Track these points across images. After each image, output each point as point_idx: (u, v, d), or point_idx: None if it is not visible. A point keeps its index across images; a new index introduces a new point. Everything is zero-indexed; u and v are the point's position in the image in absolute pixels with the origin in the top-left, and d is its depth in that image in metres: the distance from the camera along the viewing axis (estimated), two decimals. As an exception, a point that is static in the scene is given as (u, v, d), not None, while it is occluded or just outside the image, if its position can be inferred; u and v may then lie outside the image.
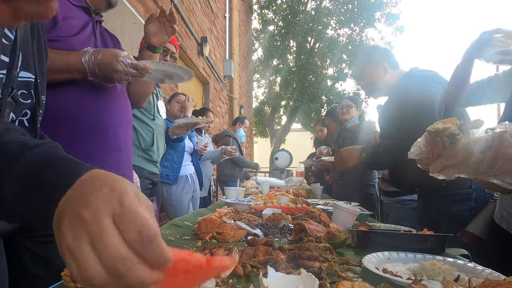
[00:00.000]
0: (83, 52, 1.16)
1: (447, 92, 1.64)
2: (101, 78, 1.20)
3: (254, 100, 16.65)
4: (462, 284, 0.77)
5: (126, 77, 1.21)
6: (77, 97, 1.23)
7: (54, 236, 0.40)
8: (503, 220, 1.26)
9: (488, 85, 1.56)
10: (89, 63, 1.15)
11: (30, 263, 1.12)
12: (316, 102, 14.73)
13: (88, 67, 1.15)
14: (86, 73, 1.17)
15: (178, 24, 4.35)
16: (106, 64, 1.16)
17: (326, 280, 0.76)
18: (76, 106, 1.22)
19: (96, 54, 1.15)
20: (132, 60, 1.20)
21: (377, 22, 15.35)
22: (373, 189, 3.48)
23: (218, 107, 7.24)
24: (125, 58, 1.18)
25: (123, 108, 1.40)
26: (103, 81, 1.22)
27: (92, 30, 1.33)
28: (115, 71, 1.17)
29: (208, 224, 1.34)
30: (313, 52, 15.43)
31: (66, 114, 1.20)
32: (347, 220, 1.48)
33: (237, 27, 8.60)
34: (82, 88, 1.23)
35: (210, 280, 0.71)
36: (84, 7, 1.31)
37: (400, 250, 1.03)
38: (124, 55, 1.18)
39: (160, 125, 2.43)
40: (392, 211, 2.75)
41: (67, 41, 1.19)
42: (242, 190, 2.71)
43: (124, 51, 1.21)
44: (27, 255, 1.12)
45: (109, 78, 1.20)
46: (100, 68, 1.16)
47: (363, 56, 2.05)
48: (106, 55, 1.16)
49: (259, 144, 21.85)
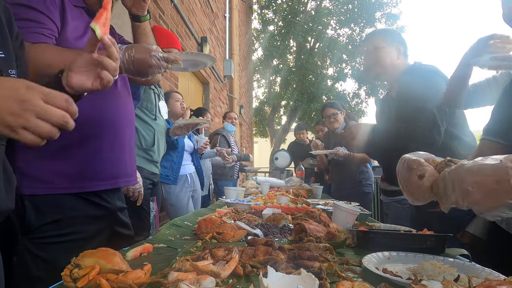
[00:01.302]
0: None
1: (447, 94, 1.64)
2: (134, 74, 1.20)
3: (254, 100, 16.65)
4: (462, 284, 0.77)
5: (158, 70, 1.21)
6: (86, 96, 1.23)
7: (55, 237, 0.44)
8: (502, 220, 1.26)
9: (486, 87, 1.57)
10: (123, 60, 1.14)
11: (31, 264, 1.12)
12: (316, 102, 14.72)
13: (123, 64, 1.15)
14: (122, 70, 1.16)
15: (178, 24, 4.36)
16: (140, 60, 1.16)
17: (326, 280, 0.76)
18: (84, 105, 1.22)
19: (129, 51, 1.15)
20: (164, 54, 1.21)
21: (377, 22, 15.37)
22: (370, 188, 3.51)
23: (218, 107, 7.24)
24: (157, 52, 1.18)
25: (126, 106, 1.40)
26: (136, 76, 1.22)
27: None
28: (150, 66, 1.17)
29: (208, 224, 1.34)
30: (313, 52, 15.44)
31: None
32: (347, 220, 1.48)
33: (237, 27, 8.61)
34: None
35: (210, 280, 0.71)
36: (84, 8, 1.31)
37: (400, 250, 1.03)
38: (155, 49, 1.19)
39: (161, 125, 2.43)
40: (391, 210, 2.75)
41: (76, 44, 1.19)
42: (242, 190, 2.71)
43: (153, 45, 1.22)
44: (28, 256, 1.12)
45: (143, 73, 1.20)
46: (134, 64, 1.16)
47: (381, 32, 2.02)
48: (139, 51, 1.16)
49: (259, 144, 21.86)
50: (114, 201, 1.35)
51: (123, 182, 1.36)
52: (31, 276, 1.12)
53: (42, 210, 1.13)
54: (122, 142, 1.33)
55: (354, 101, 15.36)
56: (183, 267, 0.79)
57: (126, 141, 1.36)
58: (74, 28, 1.21)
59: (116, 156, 1.30)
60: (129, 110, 1.42)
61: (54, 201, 1.15)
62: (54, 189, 1.15)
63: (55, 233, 1.14)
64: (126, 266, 0.77)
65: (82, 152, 1.21)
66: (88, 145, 1.22)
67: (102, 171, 1.25)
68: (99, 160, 1.24)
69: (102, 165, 1.25)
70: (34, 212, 1.12)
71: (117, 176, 1.31)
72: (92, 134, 1.23)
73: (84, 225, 1.21)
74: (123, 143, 1.34)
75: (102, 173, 1.25)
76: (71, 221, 1.17)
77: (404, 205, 2.63)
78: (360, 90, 15.70)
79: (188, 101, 5.15)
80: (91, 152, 1.22)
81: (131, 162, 1.41)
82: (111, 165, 1.29)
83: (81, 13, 1.29)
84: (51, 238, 1.14)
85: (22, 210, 1.11)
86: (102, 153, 1.25)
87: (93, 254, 0.76)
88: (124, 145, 1.35)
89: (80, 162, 1.20)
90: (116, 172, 1.30)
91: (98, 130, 1.25)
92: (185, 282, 0.67)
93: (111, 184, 1.29)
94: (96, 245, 0.92)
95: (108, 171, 1.27)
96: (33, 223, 1.11)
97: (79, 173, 1.19)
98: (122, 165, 1.34)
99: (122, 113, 1.35)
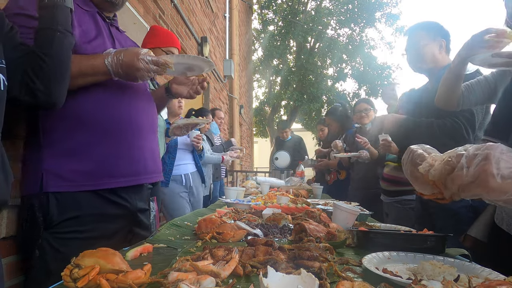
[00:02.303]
0: (106, 54, 1.20)
1: (438, 95, 1.63)
2: (124, 78, 1.24)
3: (254, 100, 16.65)
4: (462, 284, 0.77)
5: (148, 74, 1.24)
6: (101, 98, 1.27)
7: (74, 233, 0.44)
8: (503, 222, 1.26)
9: (477, 87, 1.55)
10: (112, 64, 1.18)
11: (49, 259, 1.17)
12: (316, 102, 14.72)
13: (112, 68, 1.19)
14: (111, 74, 1.20)
15: (178, 24, 4.36)
16: (128, 63, 1.19)
17: (326, 280, 0.76)
18: (101, 107, 1.26)
19: (118, 55, 1.19)
20: (153, 57, 1.23)
21: (377, 22, 15.37)
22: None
23: (218, 107, 7.23)
24: (146, 55, 1.21)
25: (147, 107, 1.44)
26: (127, 80, 1.26)
27: (108, 33, 1.37)
28: (137, 69, 1.20)
29: (208, 224, 1.34)
30: (313, 52, 15.43)
31: (91, 114, 1.25)
32: (347, 220, 1.48)
33: (237, 27, 8.60)
34: (105, 87, 1.27)
35: (210, 280, 0.71)
36: (97, 12, 1.36)
37: (400, 250, 1.03)
38: (144, 52, 1.21)
39: (161, 125, 2.43)
40: (392, 210, 2.75)
41: (86, 47, 1.24)
42: (242, 190, 2.70)
43: (143, 48, 1.24)
44: (49, 250, 1.18)
45: (132, 77, 1.23)
46: (123, 68, 1.19)
47: (425, 27, 2.00)
48: (127, 54, 1.20)
49: (259, 144, 21.84)
50: (134, 202, 1.39)
51: (143, 178, 1.39)
52: (49, 269, 1.17)
53: (64, 207, 1.19)
54: (142, 141, 1.37)
55: (354, 101, 15.32)
56: (183, 267, 0.79)
57: (146, 140, 1.39)
58: (82, 33, 1.25)
59: (135, 154, 1.34)
60: (149, 111, 1.46)
61: (74, 198, 1.20)
62: (74, 187, 1.20)
63: (74, 229, 1.20)
64: (126, 266, 0.77)
65: (100, 150, 1.25)
66: (106, 143, 1.26)
67: (120, 168, 1.29)
68: (116, 157, 1.28)
69: (120, 163, 1.29)
70: (57, 208, 1.18)
71: (137, 173, 1.35)
72: (110, 133, 1.27)
73: (101, 223, 1.26)
74: (142, 141, 1.37)
75: (119, 170, 1.29)
76: (89, 219, 1.23)
77: (405, 205, 2.63)
78: (360, 90, 15.69)
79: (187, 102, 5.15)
80: (109, 150, 1.26)
81: (153, 160, 1.44)
82: (130, 163, 1.32)
83: (92, 16, 1.34)
84: (71, 234, 1.20)
85: (47, 206, 1.17)
86: (120, 151, 1.29)
87: (93, 254, 0.76)
88: (144, 144, 1.38)
89: (98, 160, 1.24)
90: (135, 169, 1.34)
91: (116, 129, 1.28)
92: (185, 282, 0.67)
93: (129, 181, 1.32)
94: (112, 244, 0.95)
95: (126, 168, 1.31)
96: (55, 218, 1.18)
97: (97, 170, 1.24)
98: (142, 162, 1.37)
99: (141, 113, 1.38)
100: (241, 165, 10.13)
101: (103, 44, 1.30)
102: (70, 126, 1.21)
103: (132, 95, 1.36)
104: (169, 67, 1.27)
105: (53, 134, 1.20)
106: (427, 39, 1.92)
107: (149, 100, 1.48)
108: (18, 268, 1.28)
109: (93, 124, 1.24)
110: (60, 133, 1.21)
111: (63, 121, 1.20)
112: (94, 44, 1.27)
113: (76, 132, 1.22)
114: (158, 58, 1.24)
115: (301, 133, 21.19)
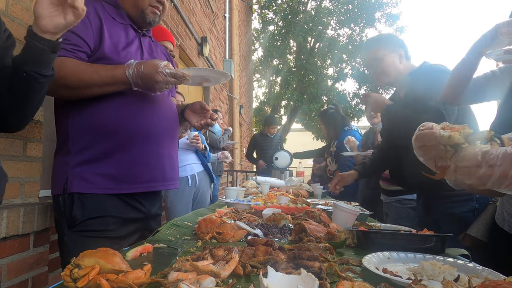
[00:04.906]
0: (127, 66, 1.26)
1: (446, 89, 1.55)
2: (143, 88, 1.30)
3: (254, 100, 16.64)
4: (462, 284, 0.77)
5: (166, 86, 1.30)
6: (122, 106, 1.33)
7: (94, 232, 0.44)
8: (505, 222, 1.26)
9: (484, 83, 1.49)
10: (133, 75, 1.25)
11: (67, 257, 1.24)
12: (316, 102, 14.71)
13: (132, 79, 1.25)
14: (131, 84, 1.27)
15: (178, 24, 4.35)
16: (147, 75, 1.25)
17: (326, 280, 0.76)
18: (123, 116, 1.33)
19: (138, 67, 1.25)
20: (171, 70, 1.28)
21: (377, 22, 15.36)
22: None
23: (218, 107, 7.23)
24: (165, 68, 1.26)
25: (167, 115, 1.48)
26: (145, 90, 1.32)
27: (139, 44, 1.44)
28: (156, 81, 1.26)
29: (208, 224, 1.34)
30: (313, 52, 15.42)
31: (113, 124, 1.31)
32: (347, 220, 1.48)
33: (237, 27, 8.61)
34: (127, 97, 1.34)
35: (210, 280, 0.71)
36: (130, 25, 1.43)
37: (400, 250, 1.03)
38: (163, 65, 1.26)
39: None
40: (392, 210, 2.75)
41: (113, 57, 1.30)
42: (242, 190, 2.70)
43: (163, 61, 1.29)
44: (71, 246, 1.27)
45: (151, 88, 1.30)
46: (142, 79, 1.26)
47: (378, 40, 1.99)
48: (147, 67, 1.25)
49: (259, 144, 21.77)
50: (150, 207, 1.47)
51: (161, 186, 1.45)
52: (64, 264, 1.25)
53: (87, 207, 1.28)
54: (160, 149, 1.42)
55: (354, 101, 15.33)
56: (183, 267, 0.79)
57: (164, 148, 1.44)
58: (111, 44, 1.32)
59: (153, 162, 1.39)
60: (170, 118, 1.50)
61: (96, 199, 1.29)
62: (98, 189, 1.29)
63: (95, 228, 1.28)
64: (126, 266, 0.77)
65: (122, 157, 1.32)
66: (127, 150, 1.33)
67: (140, 174, 1.36)
68: (136, 164, 1.35)
69: (140, 170, 1.36)
70: (80, 208, 1.27)
71: (155, 180, 1.41)
72: (131, 141, 1.33)
73: (118, 224, 1.33)
74: (161, 149, 1.42)
75: (139, 176, 1.36)
76: (110, 220, 1.31)
77: (405, 205, 2.63)
78: (360, 90, 15.68)
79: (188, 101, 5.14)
80: (129, 157, 1.33)
81: (172, 167, 1.50)
82: (148, 170, 1.38)
83: (124, 27, 1.40)
84: (91, 233, 1.28)
85: (71, 205, 1.27)
86: (140, 158, 1.35)
87: (93, 254, 0.76)
88: (163, 152, 1.43)
89: (120, 166, 1.32)
90: (153, 176, 1.40)
91: (136, 137, 1.35)
92: (185, 282, 0.67)
93: (148, 187, 1.39)
94: (124, 246, 1.01)
95: (145, 175, 1.37)
96: (78, 217, 1.27)
97: (119, 176, 1.32)
98: (160, 170, 1.42)
99: (162, 120, 1.43)
100: (241, 165, 10.13)
101: (129, 54, 1.37)
102: (94, 135, 1.29)
103: (152, 103, 1.41)
104: (186, 79, 1.33)
105: (80, 142, 1.30)
106: (382, 52, 1.89)
107: (170, 107, 1.52)
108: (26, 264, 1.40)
109: (114, 132, 1.31)
110: (86, 141, 1.30)
111: (89, 130, 1.30)
112: (122, 54, 1.33)
113: (100, 140, 1.30)
114: (177, 71, 1.30)
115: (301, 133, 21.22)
